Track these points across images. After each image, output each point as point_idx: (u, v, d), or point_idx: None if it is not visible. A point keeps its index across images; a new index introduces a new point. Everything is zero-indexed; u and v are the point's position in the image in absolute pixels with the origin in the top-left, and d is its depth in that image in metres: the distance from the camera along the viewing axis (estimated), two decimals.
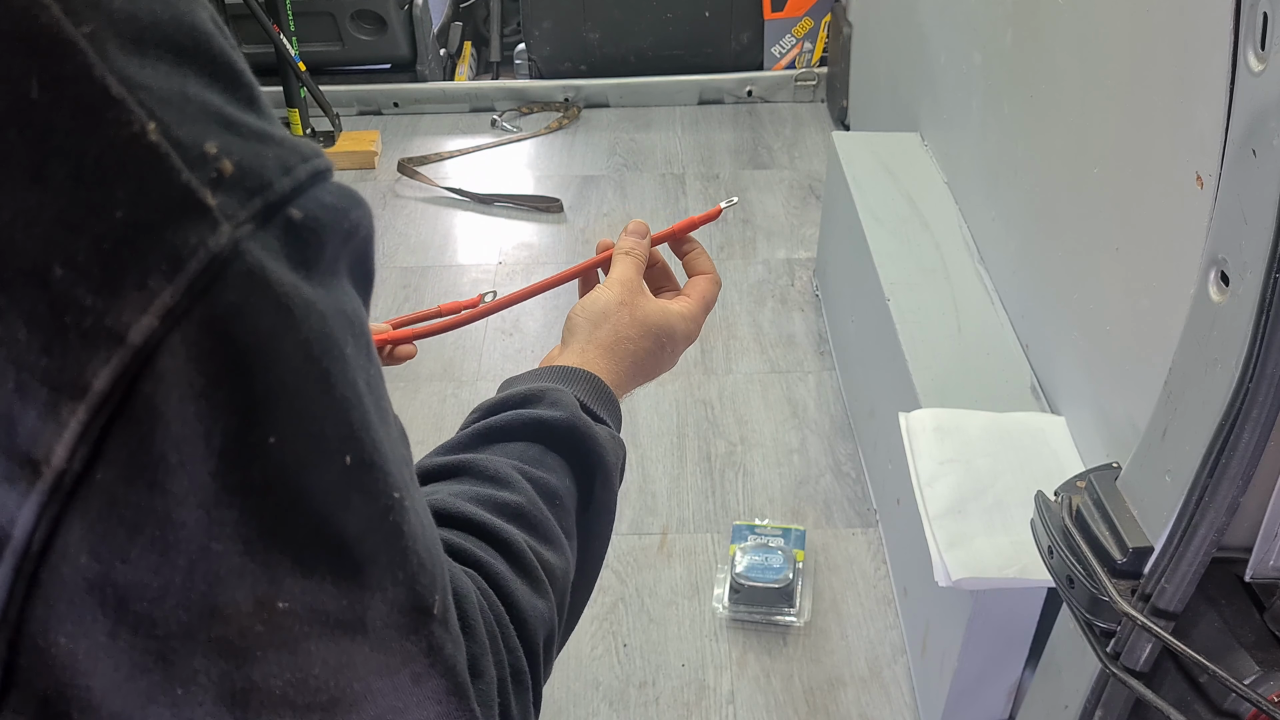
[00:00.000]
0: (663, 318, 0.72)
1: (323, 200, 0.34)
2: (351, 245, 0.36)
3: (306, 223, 0.33)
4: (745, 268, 2.33)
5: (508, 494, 0.53)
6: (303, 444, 0.32)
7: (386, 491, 0.35)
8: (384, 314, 2.22)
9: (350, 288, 0.36)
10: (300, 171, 0.33)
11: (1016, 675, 1.23)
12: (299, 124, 2.72)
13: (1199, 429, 0.70)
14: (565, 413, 0.59)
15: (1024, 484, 1.15)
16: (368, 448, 0.34)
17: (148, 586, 0.30)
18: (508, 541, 0.50)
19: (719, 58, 3.05)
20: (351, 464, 0.34)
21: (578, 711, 1.44)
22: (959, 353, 1.40)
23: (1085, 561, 0.81)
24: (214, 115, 0.31)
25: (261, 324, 0.30)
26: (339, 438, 0.33)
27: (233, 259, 0.30)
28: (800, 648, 1.51)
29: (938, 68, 1.77)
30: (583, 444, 0.59)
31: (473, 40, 3.39)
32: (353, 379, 0.34)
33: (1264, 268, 0.61)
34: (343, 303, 0.34)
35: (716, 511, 1.73)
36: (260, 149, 0.32)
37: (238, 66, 0.33)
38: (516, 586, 0.49)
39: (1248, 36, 0.64)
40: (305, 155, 0.34)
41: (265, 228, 0.31)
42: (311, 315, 0.32)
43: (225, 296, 0.30)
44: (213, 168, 0.30)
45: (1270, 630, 0.75)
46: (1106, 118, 1.09)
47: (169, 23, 0.31)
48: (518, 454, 0.57)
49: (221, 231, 0.30)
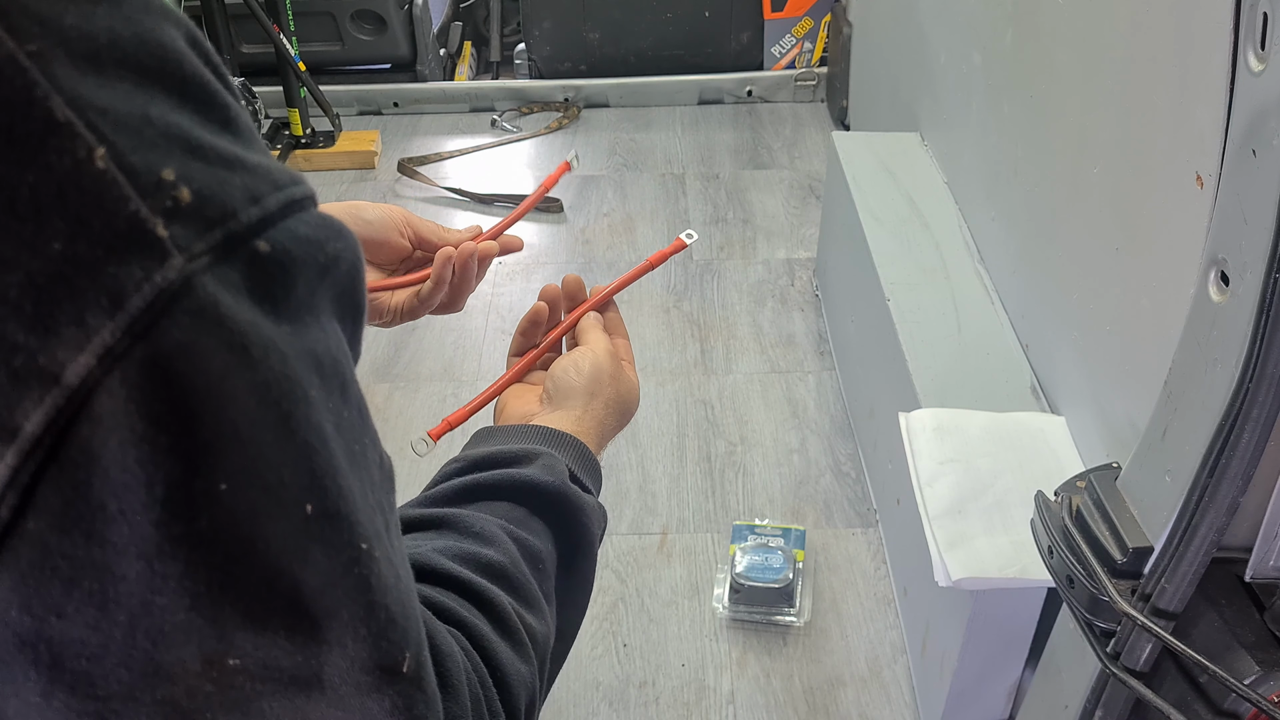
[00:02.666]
0: (631, 390, 0.74)
1: (296, 232, 0.32)
2: (332, 279, 0.34)
3: (275, 256, 0.31)
4: (745, 268, 2.33)
5: (491, 552, 0.52)
6: (257, 492, 0.30)
7: (352, 543, 0.33)
8: None
9: (329, 324, 0.34)
10: (271, 201, 0.31)
11: (1016, 675, 1.23)
12: (299, 124, 2.72)
13: (1199, 429, 0.70)
14: (557, 480, 0.58)
15: (1024, 484, 1.15)
16: (331, 496, 0.32)
17: (85, 643, 0.29)
18: (491, 602, 0.49)
19: (719, 58, 3.05)
20: (313, 513, 0.32)
21: (578, 711, 1.44)
22: (959, 353, 1.40)
23: (1085, 561, 0.81)
24: (178, 139, 0.30)
25: (212, 365, 0.29)
26: (298, 486, 0.31)
27: (183, 294, 0.28)
28: (800, 648, 1.50)
29: (938, 68, 1.77)
30: (570, 513, 0.58)
31: (473, 40, 3.39)
32: (317, 423, 0.32)
33: (1264, 268, 0.61)
34: (313, 342, 0.32)
35: (716, 511, 1.73)
36: (227, 176, 0.30)
37: (211, 87, 0.32)
38: (500, 648, 0.47)
39: (1248, 36, 0.64)
40: (279, 183, 0.32)
41: (226, 261, 0.29)
42: (271, 355, 0.30)
43: (172, 335, 0.28)
44: (168, 195, 0.28)
45: (1270, 630, 0.75)
46: (1106, 118, 1.09)
47: (131, 41, 0.29)
48: (503, 513, 0.56)
49: (171, 265, 0.28)
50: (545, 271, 2.35)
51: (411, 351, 2.12)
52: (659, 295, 2.25)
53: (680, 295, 2.25)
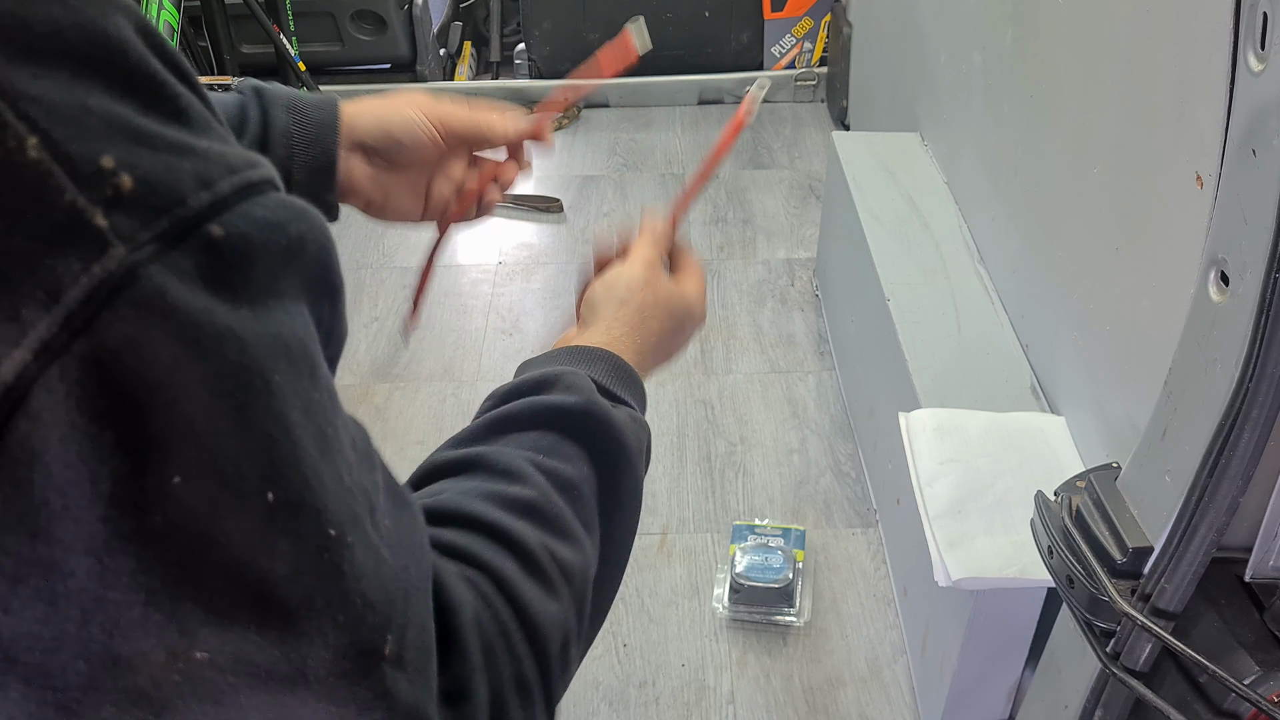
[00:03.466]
0: (682, 298, 0.71)
1: (253, 215, 0.31)
2: (299, 261, 0.33)
3: (230, 241, 0.30)
4: (745, 268, 2.33)
5: (519, 488, 0.50)
6: (213, 485, 0.30)
7: (320, 531, 0.33)
8: (385, 313, 2.22)
9: (297, 307, 0.33)
10: (223, 185, 0.31)
11: (1016, 675, 1.23)
12: None
13: (1199, 429, 0.70)
14: (580, 398, 0.56)
15: (1024, 484, 1.15)
16: (295, 485, 0.32)
17: (38, 637, 0.28)
18: (519, 540, 0.47)
19: (719, 57, 3.05)
20: (275, 503, 0.31)
21: (578, 711, 1.44)
22: (959, 353, 1.40)
23: (1085, 561, 0.81)
24: (121, 128, 0.29)
25: (160, 356, 0.28)
26: (259, 476, 0.31)
27: (126, 285, 0.28)
28: (800, 648, 1.50)
29: (938, 68, 1.77)
30: (601, 429, 0.55)
31: (473, 40, 3.39)
32: (279, 411, 0.31)
33: (1264, 268, 0.61)
34: (277, 326, 0.32)
35: (716, 511, 1.73)
36: (175, 162, 0.30)
37: (159, 77, 0.31)
38: (526, 589, 0.46)
39: (1248, 36, 0.64)
40: (234, 167, 0.31)
41: (175, 248, 0.29)
42: (226, 344, 0.30)
43: (115, 327, 0.27)
44: (108, 184, 0.28)
45: (1270, 630, 0.75)
46: (1106, 118, 1.09)
47: (71, 30, 0.29)
48: (531, 444, 0.54)
49: (112, 255, 0.27)
50: (545, 271, 2.35)
51: (411, 351, 2.12)
52: None
53: None
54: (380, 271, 2.37)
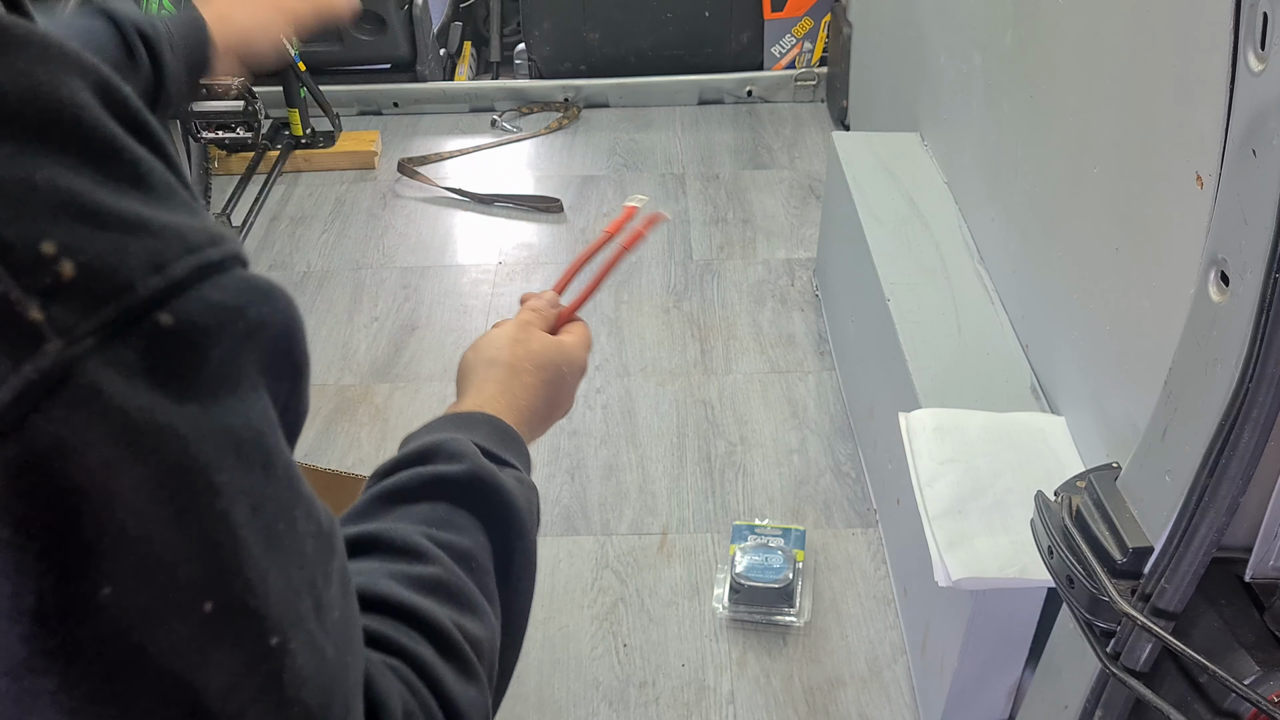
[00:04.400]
0: (558, 347, 0.70)
1: (209, 300, 0.29)
2: (256, 344, 0.31)
3: (180, 329, 0.28)
4: (745, 268, 2.33)
5: (422, 566, 0.49)
6: (147, 595, 0.28)
7: (260, 638, 0.30)
8: (385, 313, 2.22)
9: (252, 394, 0.31)
10: (178, 268, 0.28)
11: (1016, 675, 1.23)
12: (299, 124, 2.72)
13: (1199, 429, 0.70)
14: (466, 465, 0.54)
15: (1024, 484, 1.15)
16: (237, 590, 0.30)
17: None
18: (431, 623, 0.46)
19: (719, 58, 3.05)
20: (213, 612, 0.29)
21: (578, 711, 1.44)
22: (959, 353, 1.40)
23: (1085, 561, 0.81)
24: (68, 205, 0.27)
25: (94, 459, 0.26)
26: (197, 584, 0.29)
27: (61, 383, 0.26)
28: (800, 648, 1.50)
29: (938, 68, 1.77)
30: (489, 495, 0.54)
31: (473, 40, 3.39)
32: (223, 510, 0.29)
33: (1264, 268, 0.61)
34: (228, 418, 0.30)
35: (716, 511, 1.73)
36: (126, 242, 0.27)
37: (118, 142, 0.29)
38: (445, 674, 0.45)
39: (1248, 36, 0.64)
40: (192, 246, 0.29)
41: (118, 339, 0.27)
42: (167, 443, 0.28)
43: (45, 430, 0.25)
44: (48, 272, 0.26)
45: (1270, 630, 0.75)
46: (1106, 118, 1.09)
47: (20, 97, 0.27)
48: (423, 517, 0.52)
49: (46, 352, 0.25)
50: (545, 271, 2.35)
51: (411, 351, 2.12)
52: (659, 295, 2.25)
53: (680, 295, 2.25)
54: (380, 271, 2.37)
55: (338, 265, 2.40)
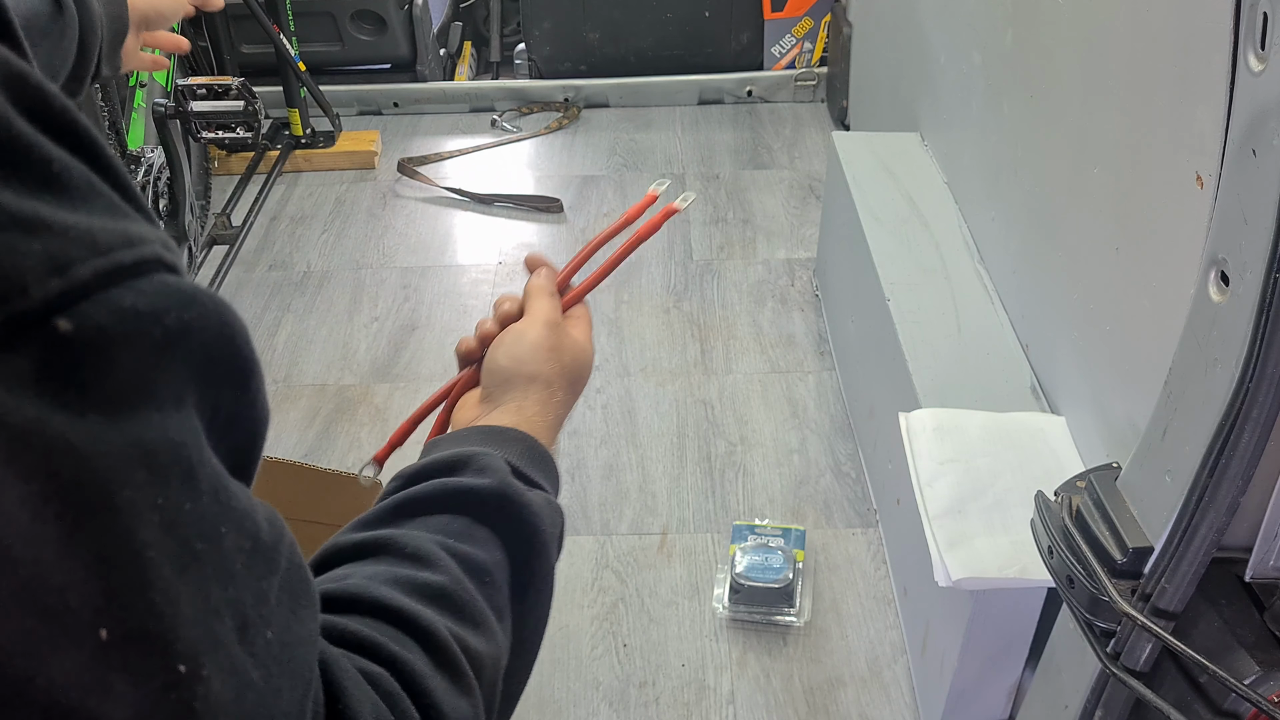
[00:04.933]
0: (582, 355, 0.69)
1: (117, 305, 0.27)
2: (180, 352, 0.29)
3: (82, 336, 0.26)
4: (745, 268, 2.33)
5: (429, 574, 0.47)
6: (32, 621, 0.26)
7: (167, 665, 0.28)
8: (385, 313, 2.22)
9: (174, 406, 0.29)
10: (82, 270, 0.26)
11: (1016, 675, 1.23)
12: (299, 124, 2.72)
13: (1199, 429, 0.70)
14: (494, 480, 0.53)
15: (1024, 484, 1.15)
16: (137, 614, 0.28)
17: None
18: (427, 631, 0.44)
19: (719, 58, 3.05)
20: (110, 639, 0.27)
21: (578, 712, 1.44)
22: (959, 353, 1.40)
23: (1085, 561, 0.81)
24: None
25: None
26: (90, 609, 0.27)
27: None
28: (800, 648, 1.50)
29: (938, 68, 1.77)
30: (515, 514, 0.53)
31: (473, 40, 3.39)
32: (125, 530, 0.27)
33: (1264, 268, 0.61)
34: (139, 432, 0.28)
35: (716, 511, 1.73)
36: (20, 243, 0.26)
37: (24, 140, 0.27)
38: (435, 684, 0.43)
39: (1248, 36, 0.64)
40: (102, 247, 0.27)
41: (9, 348, 0.25)
42: (57, 459, 0.26)
43: None
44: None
45: (1270, 630, 0.75)
46: (1106, 118, 1.09)
47: None
48: (441, 527, 0.51)
49: None
50: None
51: (411, 351, 2.12)
52: (659, 295, 2.25)
53: (680, 295, 2.25)
54: (380, 271, 2.37)
55: (338, 265, 2.40)
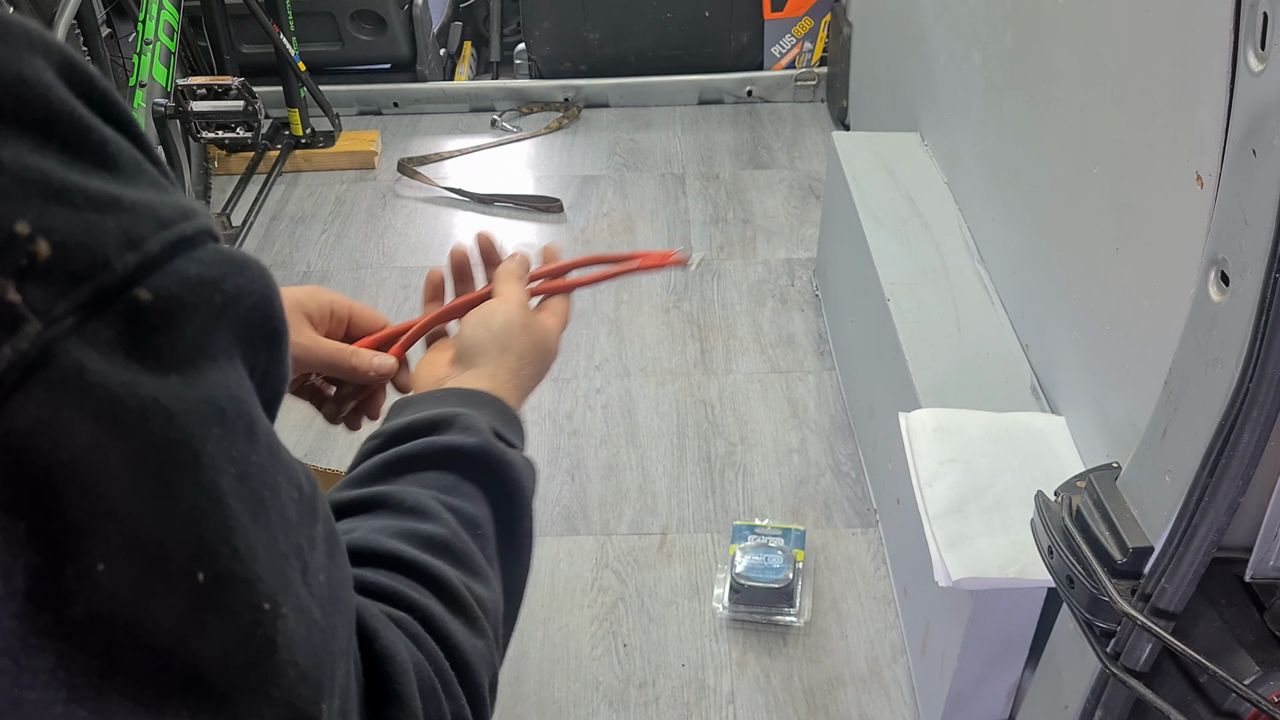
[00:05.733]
0: (548, 340, 0.73)
1: (185, 274, 0.29)
2: (232, 315, 0.31)
3: (157, 305, 0.28)
4: (745, 268, 2.33)
5: (430, 526, 0.50)
6: (138, 569, 0.28)
7: (253, 604, 0.31)
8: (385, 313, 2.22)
9: (229, 364, 0.32)
10: (153, 244, 0.29)
11: (1016, 675, 1.23)
12: (299, 124, 2.72)
13: (1199, 429, 0.70)
14: (479, 439, 0.56)
15: (1024, 484, 1.15)
16: (226, 559, 0.30)
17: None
18: (439, 578, 0.47)
19: (719, 58, 3.05)
20: (205, 581, 0.29)
21: (578, 712, 1.44)
22: (959, 353, 1.40)
23: (1085, 561, 0.81)
24: (38, 185, 0.27)
25: (77, 437, 0.26)
26: (187, 555, 0.29)
27: (41, 364, 0.26)
28: (800, 648, 1.50)
29: (938, 68, 1.77)
30: (499, 471, 0.56)
31: (473, 40, 3.39)
32: (210, 482, 0.30)
33: (1264, 268, 0.61)
34: (209, 388, 0.30)
35: (716, 511, 1.73)
36: (98, 220, 0.28)
37: (84, 122, 0.29)
38: (454, 628, 0.45)
39: (1248, 36, 0.64)
40: (165, 221, 0.29)
41: (98, 317, 0.27)
42: (150, 418, 0.28)
43: (27, 411, 0.25)
44: (23, 253, 0.26)
45: (1270, 630, 0.75)
46: (1106, 118, 1.09)
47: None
48: (432, 483, 0.54)
49: (25, 333, 0.25)
50: None
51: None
52: (659, 295, 2.25)
53: (680, 295, 2.25)
54: (380, 271, 2.37)
55: (338, 265, 2.40)
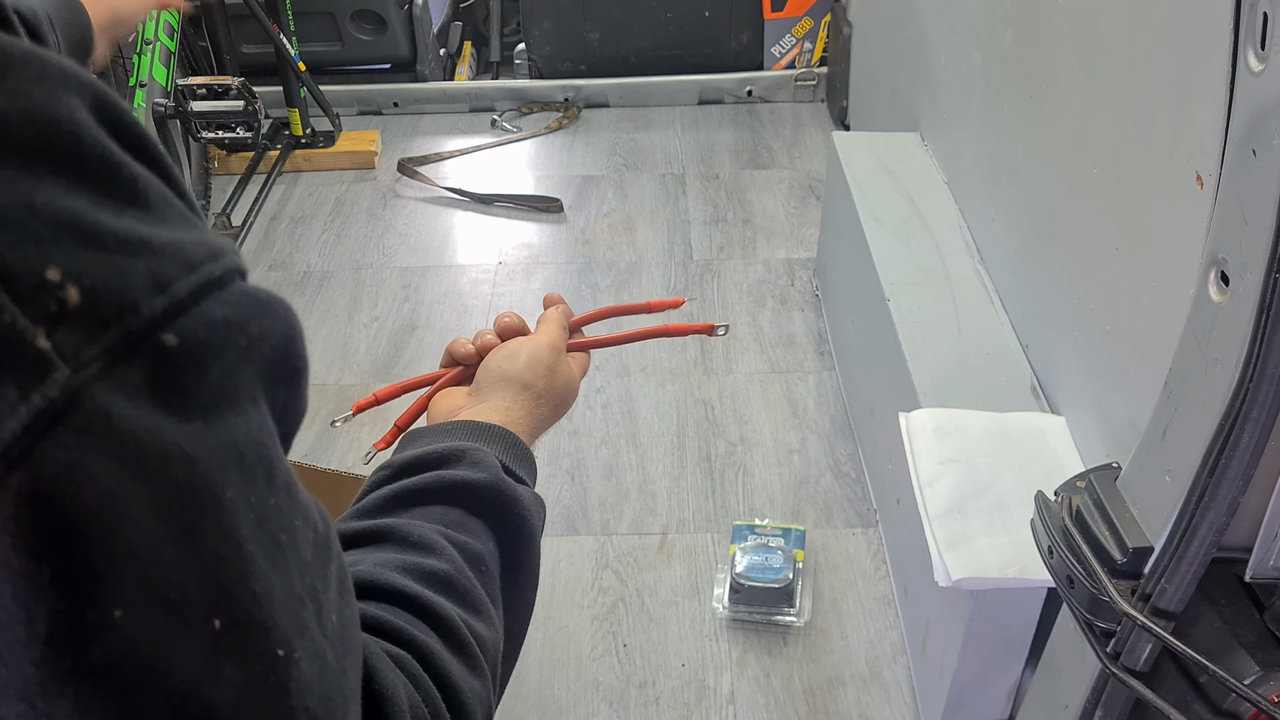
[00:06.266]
0: (569, 387, 0.72)
1: (211, 317, 0.29)
2: (257, 356, 0.31)
3: (183, 349, 0.28)
4: (745, 268, 2.33)
5: (434, 561, 0.50)
6: (156, 614, 0.28)
7: (268, 650, 0.31)
8: (385, 313, 2.22)
9: (252, 406, 0.31)
10: (181, 286, 0.29)
11: (1016, 675, 1.23)
12: (299, 124, 2.72)
13: (1199, 429, 0.70)
14: (488, 475, 0.56)
15: (1024, 484, 1.15)
16: (244, 605, 0.30)
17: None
18: (440, 615, 0.47)
19: (719, 58, 3.05)
20: (222, 627, 0.29)
21: (578, 711, 1.44)
22: (959, 353, 1.40)
23: (1085, 561, 0.81)
24: (69, 228, 0.27)
25: (103, 482, 0.26)
26: (205, 601, 0.29)
27: (69, 410, 0.25)
28: (800, 648, 1.50)
29: (938, 68, 1.77)
30: (507, 507, 0.56)
31: (473, 40, 3.39)
32: (230, 527, 0.30)
33: (1264, 268, 0.61)
34: (231, 433, 0.30)
35: (716, 511, 1.73)
36: (128, 264, 0.27)
37: (115, 160, 0.29)
38: (452, 666, 0.45)
39: (1248, 36, 0.64)
40: (192, 263, 0.29)
41: (124, 363, 0.27)
42: (174, 463, 0.28)
43: (55, 457, 0.25)
44: (53, 298, 0.26)
45: (1270, 630, 0.75)
46: (1106, 118, 1.09)
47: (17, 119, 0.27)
48: (438, 517, 0.54)
49: (54, 380, 0.25)
50: (545, 271, 2.35)
51: (411, 351, 2.12)
52: (659, 295, 2.25)
53: (680, 295, 2.25)
54: (380, 271, 2.37)
55: (338, 265, 2.40)
